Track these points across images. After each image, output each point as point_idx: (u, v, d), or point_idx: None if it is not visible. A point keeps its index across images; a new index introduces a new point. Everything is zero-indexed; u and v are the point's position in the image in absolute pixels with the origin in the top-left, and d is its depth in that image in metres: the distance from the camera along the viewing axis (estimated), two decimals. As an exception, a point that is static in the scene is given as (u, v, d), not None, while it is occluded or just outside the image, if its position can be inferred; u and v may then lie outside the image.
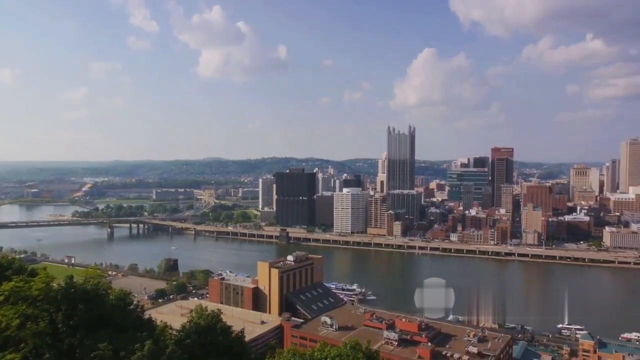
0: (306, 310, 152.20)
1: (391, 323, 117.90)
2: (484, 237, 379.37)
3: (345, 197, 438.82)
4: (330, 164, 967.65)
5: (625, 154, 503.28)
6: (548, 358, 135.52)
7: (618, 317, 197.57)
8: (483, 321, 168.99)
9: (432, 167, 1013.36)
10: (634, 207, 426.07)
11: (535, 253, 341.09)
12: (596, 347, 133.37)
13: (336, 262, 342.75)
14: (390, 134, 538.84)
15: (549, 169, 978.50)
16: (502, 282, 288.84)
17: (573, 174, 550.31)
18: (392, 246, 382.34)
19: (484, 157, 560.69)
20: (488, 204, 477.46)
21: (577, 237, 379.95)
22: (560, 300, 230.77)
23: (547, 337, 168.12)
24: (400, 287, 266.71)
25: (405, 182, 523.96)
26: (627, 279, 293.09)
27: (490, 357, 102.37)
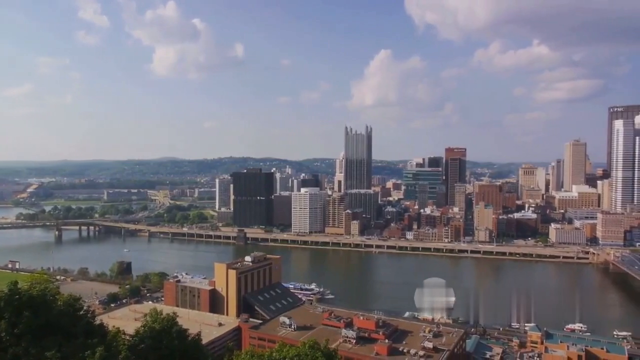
0: (264, 311, 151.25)
1: (349, 321, 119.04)
2: (438, 235, 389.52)
3: (303, 197, 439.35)
4: (288, 164, 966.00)
5: (568, 154, 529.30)
6: (499, 350, 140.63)
7: (563, 309, 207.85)
8: (438, 317, 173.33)
9: (388, 166, 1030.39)
10: (577, 204, 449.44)
11: (486, 250, 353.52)
12: (543, 338, 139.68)
13: (294, 262, 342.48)
14: (347, 134, 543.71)
15: (499, 168, 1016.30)
16: (456, 279, 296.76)
17: (521, 173, 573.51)
18: (349, 245, 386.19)
19: (438, 157, 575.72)
20: (442, 202, 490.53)
21: (526, 234, 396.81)
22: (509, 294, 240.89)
23: (498, 330, 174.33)
24: (358, 286, 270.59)
25: (363, 181, 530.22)
26: (570, 273, 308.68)
27: (444, 351, 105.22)
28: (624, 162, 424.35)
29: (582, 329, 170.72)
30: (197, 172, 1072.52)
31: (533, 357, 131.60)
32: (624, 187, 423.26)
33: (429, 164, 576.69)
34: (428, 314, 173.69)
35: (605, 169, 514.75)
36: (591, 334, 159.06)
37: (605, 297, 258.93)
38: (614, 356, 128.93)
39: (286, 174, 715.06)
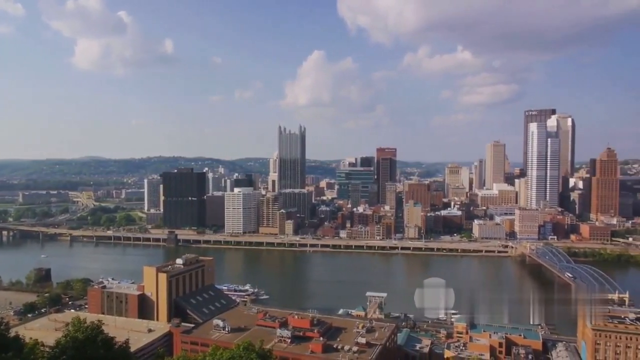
0: (197, 315, 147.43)
1: (284, 321, 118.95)
2: (370, 233, 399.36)
3: (236, 197, 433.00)
4: (221, 164, 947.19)
5: (489, 154, 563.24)
6: (428, 342, 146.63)
7: (485, 300, 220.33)
8: (371, 313, 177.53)
9: (322, 166, 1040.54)
10: (497, 201, 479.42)
11: (416, 246, 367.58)
12: (468, 328, 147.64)
13: (228, 263, 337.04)
14: (281, 134, 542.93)
15: (427, 168, 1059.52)
16: (387, 275, 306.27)
17: (447, 172, 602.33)
18: (284, 245, 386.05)
19: (370, 157, 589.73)
20: (374, 201, 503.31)
21: (452, 230, 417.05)
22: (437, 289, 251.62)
23: (427, 322, 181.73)
24: (293, 285, 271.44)
25: (297, 181, 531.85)
26: (492, 266, 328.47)
27: (377, 346, 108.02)
28: (538, 162, 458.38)
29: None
30: (124, 172, 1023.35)
31: (459, 346, 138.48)
32: (538, 185, 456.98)
33: (361, 163, 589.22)
34: (361, 310, 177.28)
35: (521, 168, 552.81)
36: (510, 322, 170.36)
37: (522, 287, 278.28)
38: (530, 341, 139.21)
39: (219, 174, 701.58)
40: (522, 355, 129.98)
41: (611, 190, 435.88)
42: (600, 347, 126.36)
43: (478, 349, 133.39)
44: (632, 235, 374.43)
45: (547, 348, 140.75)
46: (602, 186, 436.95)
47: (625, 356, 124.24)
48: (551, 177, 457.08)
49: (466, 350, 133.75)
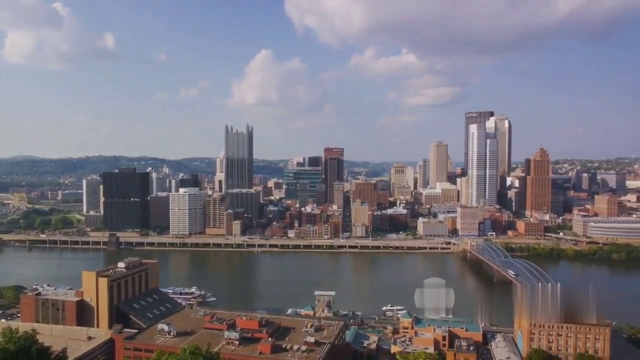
0: (141, 320, 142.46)
1: (232, 323, 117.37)
2: (318, 232, 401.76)
3: (182, 198, 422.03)
4: (165, 163, 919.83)
5: (433, 154, 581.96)
6: (375, 338, 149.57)
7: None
8: (319, 311, 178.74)
9: (269, 166, 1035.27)
10: (440, 200, 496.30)
11: (363, 244, 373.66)
12: (413, 323, 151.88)
13: (173, 265, 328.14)
14: (228, 133, 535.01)
15: (374, 167, 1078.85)
16: (336, 274, 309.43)
17: (393, 172, 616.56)
18: (231, 245, 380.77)
19: (318, 157, 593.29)
20: (322, 200, 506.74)
21: (397, 228, 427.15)
22: (383, 285, 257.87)
23: (374, 319, 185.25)
24: (241, 286, 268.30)
25: (244, 181, 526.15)
26: (436, 262, 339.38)
27: (325, 344, 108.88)
28: (478, 162, 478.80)
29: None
30: (61, 172, 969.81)
31: (405, 341, 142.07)
32: (478, 184, 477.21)
33: (309, 163, 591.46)
34: (310, 310, 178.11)
35: (463, 168, 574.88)
36: (453, 316, 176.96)
37: (463, 282, 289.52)
38: (472, 334, 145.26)
39: (163, 174, 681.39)
40: (464, 347, 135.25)
41: (544, 188, 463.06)
42: (535, 336, 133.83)
43: (423, 343, 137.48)
44: (562, 230, 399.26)
45: (487, 339, 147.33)
46: (536, 185, 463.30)
47: (557, 344, 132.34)
48: (490, 176, 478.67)
49: (412, 345, 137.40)
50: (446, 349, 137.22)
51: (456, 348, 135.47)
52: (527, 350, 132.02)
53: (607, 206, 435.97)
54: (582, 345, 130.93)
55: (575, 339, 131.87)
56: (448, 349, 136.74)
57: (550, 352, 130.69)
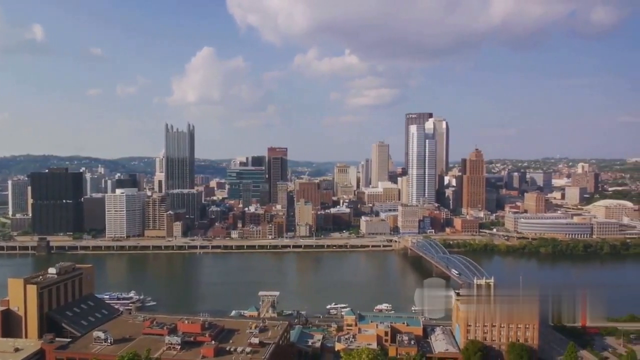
0: (74, 328, 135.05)
1: (173, 327, 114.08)
2: (262, 232, 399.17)
3: (118, 199, 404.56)
4: (100, 163, 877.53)
5: (375, 154, 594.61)
6: (319, 336, 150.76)
7: (373, 293, 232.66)
8: (264, 312, 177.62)
9: (212, 165, 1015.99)
10: (382, 199, 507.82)
11: (307, 244, 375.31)
12: (357, 320, 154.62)
13: (110, 270, 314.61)
14: (168, 132, 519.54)
15: (318, 167, 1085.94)
16: (280, 274, 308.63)
17: (336, 171, 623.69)
18: (172, 248, 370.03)
19: (261, 156, 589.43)
20: (266, 200, 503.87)
21: (341, 227, 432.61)
22: (328, 284, 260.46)
23: (319, 318, 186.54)
24: (183, 289, 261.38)
25: (185, 181, 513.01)
26: (378, 260, 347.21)
27: (270, 344, 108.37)
28: (418, 162, 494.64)
29: (388, 308, 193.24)
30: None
31: (349, 338, 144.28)
32: (417, 183, 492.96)
33: (253, 163, 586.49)
34: (254, 311, 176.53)
35: (403, 167, 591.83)
36: (395, 311, 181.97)
37: (405, 278, 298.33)
38: (412, 328, 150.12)
39: (98, 174, 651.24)
40: (406, 342, 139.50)
41: (479, 187, 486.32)
42: (471, 328, 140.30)
43: (366, 339, 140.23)
44: (495, 227, 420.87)
45: (427, 333, 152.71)
46: (472, 183, 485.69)
47: (491, 335, 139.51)
48: (429, 175, 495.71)
49: (355, 342, 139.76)
50: (388, 344, 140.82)
51: (398, 343, 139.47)
52: (464, 341, 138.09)
53: (536, 203, 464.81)
54: (514, 335, 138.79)
55: (507, 330, 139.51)
56: (390, 344, 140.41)
57: (485, 342, 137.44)
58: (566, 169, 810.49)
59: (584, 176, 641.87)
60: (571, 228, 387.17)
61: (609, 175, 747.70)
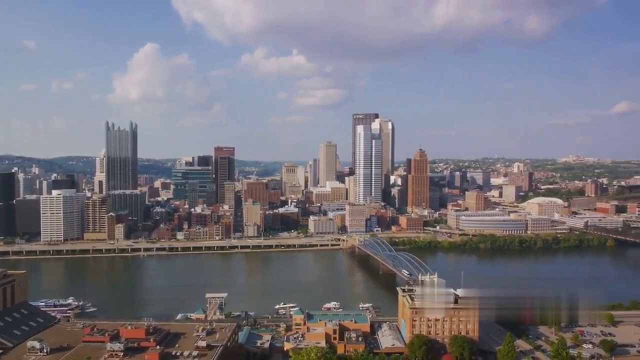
0: (6, 338, 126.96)
1: (115, 333, 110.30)
2: (209, 233, 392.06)
3: (55, 201, 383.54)
4: (34, 163, 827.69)
5: (323, 154, 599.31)
6: (268, 337, 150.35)
7: (321, 291, 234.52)
8: (211, 314, 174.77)
9: (156, 165, 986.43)
10: (330, 198, 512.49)
11: (255, 244, 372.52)
12: (305, 319, 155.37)
13: (46, 275, 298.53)
14: (109, 130, 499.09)
15: (265, 167, 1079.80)
16: (228, 275, 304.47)
17: (284, 171, 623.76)
18: (114, 251, 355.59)
19: (208, 156, 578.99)
20: (212, 200, 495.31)
21: (289, 227, 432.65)
22: (276, 284, 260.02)
23: (267, 318, 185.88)
24: (126, 294, 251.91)
25: (128, 181, 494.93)
26: (326, 259, 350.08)
27: (218, 347, 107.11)
28: (364, 161, 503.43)
29: (336, 306, 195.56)
30: None
31: (298, 337, 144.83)
32: (364, 182, 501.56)
33: (199, 162, 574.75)
34: (201, 313, 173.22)
35: (351, 167, 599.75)
36: (343, 309, 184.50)
37: (353, 276, 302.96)
38: (360, 325, 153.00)
39: (32, 175, 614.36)
40: (354, 339, 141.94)
41: (423, 186, 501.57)
42: (416, 322, 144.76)
43: (315, 338, 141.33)
44: (439, 224, 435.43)
45: (374, 329, 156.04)
46: (416, 182, 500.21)
47: (435, 328, 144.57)
48: (375, 175, 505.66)
49: (304, 341, 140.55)
50: (337, 341, 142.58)
51: (346, 340, 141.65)
52: (410, 336, 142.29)
53: (476, 201, 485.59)
54: (456, 327, 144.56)
55: (450, 323, 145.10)
56: (339, 342, 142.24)
57: (430, 336, 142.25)
58: (503, 169, 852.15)
59: (519, 175, 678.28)
60: (508, 224, 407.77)
61: (541, 174, 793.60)
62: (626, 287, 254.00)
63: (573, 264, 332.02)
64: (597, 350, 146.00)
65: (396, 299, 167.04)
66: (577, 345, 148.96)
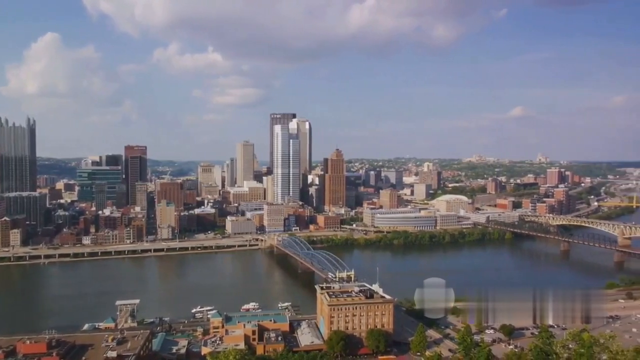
0: None
1: (11, 349, 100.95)
2: (119, 237, 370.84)
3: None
4: None
5: (240, 153, 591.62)
6: (184, 342, 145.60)
7: (240, 292, 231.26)
8: (122, 322, 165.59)
9: (58, 165, 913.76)
10: (248, 198, 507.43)
11: (170, 247, 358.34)
12: (223, 322, 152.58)
13: None
14: (2, 126, 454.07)
15: (180, 166, 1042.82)
16: (140, 280, 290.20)
17: (200, 171, 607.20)
18: (9, 259, 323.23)
19: (118, 155, 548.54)
20: (123, 202, 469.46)
21: (206, 228, 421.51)
22: (193, 287, 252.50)
23: (184, 323, 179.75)
24: (23, 306, 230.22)
25: (25, 182, 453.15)
26: (245, 259, 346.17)
27: (130, 356, 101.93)
28: (282, 161, 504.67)
29: (255, 307, 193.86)
30: None
31: (216, 341, 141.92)
32: (282, 182, 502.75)
33: (108, 162, 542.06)
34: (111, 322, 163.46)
35: (269, 167, 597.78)
36: (262, 310, 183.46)
37: (271, 276, 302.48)
38: (279, 325, 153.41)
39: None
40: (273, 339, 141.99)
41: (339, 185, 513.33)
42: (334, 319, 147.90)
43: (233, 340, 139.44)
44: (355, 222, 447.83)
45: (293, 328, 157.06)
46: (333, 181, 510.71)
47: (352, 323, 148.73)
48: (293, 174, 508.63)
49: (222, 344, 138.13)
50: (256, 342, 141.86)
51: (265, 340, 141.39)
52: (328, 332, 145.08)
53: (389, 199, 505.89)
54: (372, 321, 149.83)
55: (366, 317, 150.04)
56: (258, 343, 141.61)
57: (347, 331, 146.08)
58: (414, 168, 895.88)
59: (429, 174, 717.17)
60: (419, 221, 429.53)
61: (449, 173, 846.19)
62: (522, 275, 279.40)
63: (477, 257, 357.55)
64: (498, 335, 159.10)
65: (315, 296, 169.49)
66: (481, 331, 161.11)
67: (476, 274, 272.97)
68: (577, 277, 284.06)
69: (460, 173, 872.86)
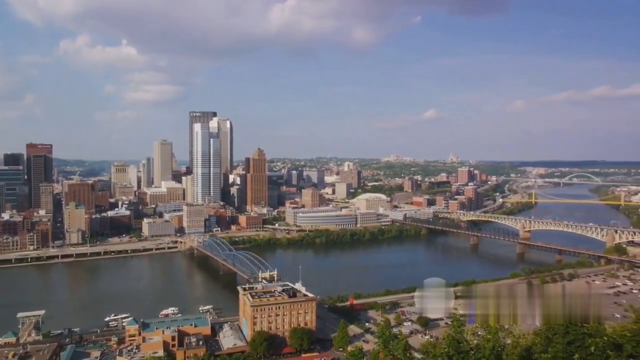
0: None
1: None
2: (21, 243, 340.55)
3: None
4: None
5: (157, 152, 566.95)
6: (97, 353, 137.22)
7: (158, 297, 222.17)
8: (25, 336, 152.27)
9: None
10: (166, 199, 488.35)
11: (80, 252, 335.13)
12: (140, 329, 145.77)
13: None
14: None
15: (91, 166, 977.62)
16: (45, 289, 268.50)
17: (113, 170, 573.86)
18: None
19: (18, 154, 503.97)
20: (25, 205, 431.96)
21: (121, 231, 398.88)
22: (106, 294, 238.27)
23: (96, 333, 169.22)
24: None
25: None
26: (163, 262, 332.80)
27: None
28: (202, 160, 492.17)
29: (175, 312, 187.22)
30: None
31: (132, 350, 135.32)
32: (203, 182, 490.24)
33: (6, 161, 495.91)
34: (12, 337, 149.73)
35: (188, 166, 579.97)
36: (182, 314, 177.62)
37: (192, 279, 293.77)
38: (201, 329, 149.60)
39: None
40: (194, 343, 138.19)
41: (261, 184, 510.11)
42: (257, 320, 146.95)
43: (151, 347, 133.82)
44: (278, 222, 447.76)
45: (215, 331, 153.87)
46: (255, 181, 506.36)
47: (275, 323, 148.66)
48: (214, 174, 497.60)
49: (139, 352, 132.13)
50: (176, 348, 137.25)
51: (186, 346, 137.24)
52: (252, 333, 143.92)
53: (311, 198, 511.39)
54: (296, 320, 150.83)
55: (290, 316, 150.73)
56: (178, 348, 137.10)
57: (271, 331, 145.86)
58: (335, 167, 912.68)
59: (349, 173, 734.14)
60: (340, 219, 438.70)
61: (368, 173, 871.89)
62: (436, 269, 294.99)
63: (395, 252, 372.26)
64: (415, 327, 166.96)
65: (237, 298, 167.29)
66: (400, 324, 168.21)
67: (394, 269, 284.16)
68: (485, 269, 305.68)
69: (379, 172, 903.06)
